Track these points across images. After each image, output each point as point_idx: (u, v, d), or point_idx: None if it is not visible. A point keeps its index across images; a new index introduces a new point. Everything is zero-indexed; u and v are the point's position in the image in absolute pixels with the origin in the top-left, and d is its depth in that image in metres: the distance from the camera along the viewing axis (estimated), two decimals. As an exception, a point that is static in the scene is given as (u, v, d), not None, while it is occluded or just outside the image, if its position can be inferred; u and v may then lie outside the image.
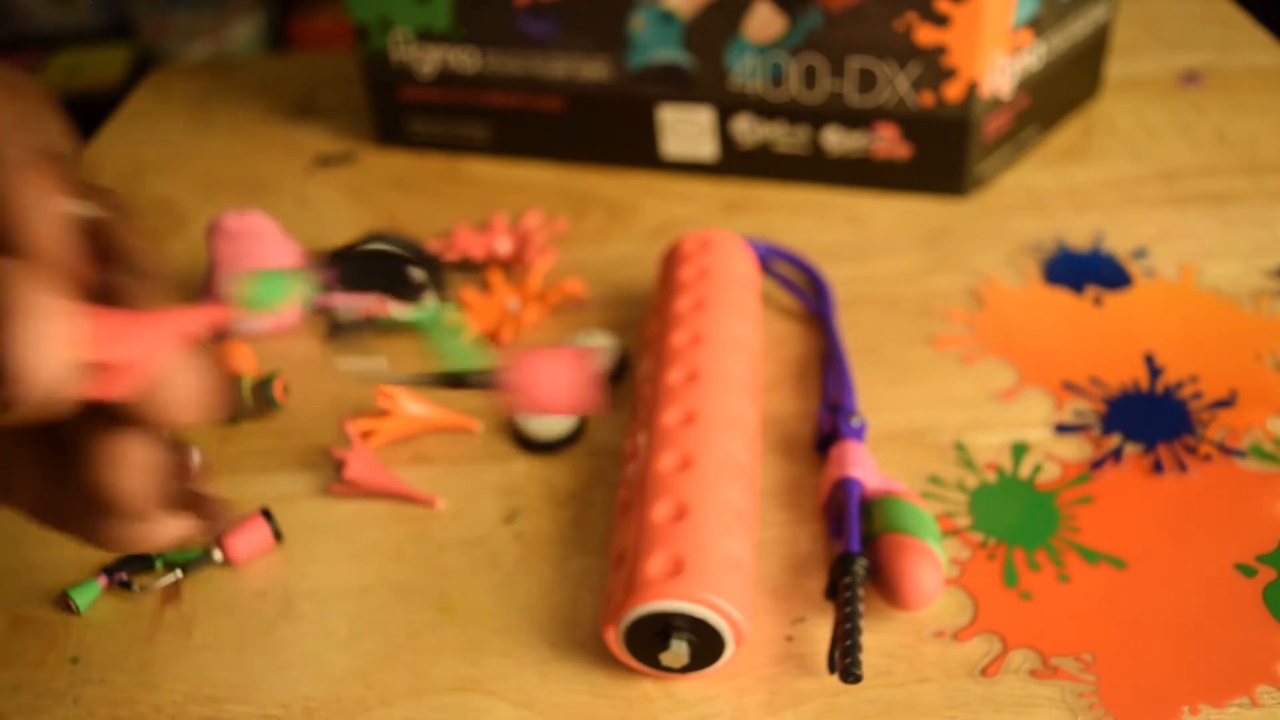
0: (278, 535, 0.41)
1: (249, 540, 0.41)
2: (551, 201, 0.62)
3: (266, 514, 0.41)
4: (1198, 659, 0.34)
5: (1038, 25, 0.55)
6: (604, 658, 0.36)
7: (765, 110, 0.58)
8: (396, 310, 0.28)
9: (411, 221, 0.62)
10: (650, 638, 0.34)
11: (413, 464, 0.45)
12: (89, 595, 0.40)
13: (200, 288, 0.56)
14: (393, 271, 0.31)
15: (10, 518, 0.44)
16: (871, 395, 0.46)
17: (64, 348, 0.22)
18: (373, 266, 0.31)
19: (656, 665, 0.34)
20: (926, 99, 0.55)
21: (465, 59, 0.63)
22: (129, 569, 0.40)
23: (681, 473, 0.37)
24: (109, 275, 0.25)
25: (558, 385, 0.28)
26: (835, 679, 0.35)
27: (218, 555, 0.40)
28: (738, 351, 0.43)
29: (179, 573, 0.40)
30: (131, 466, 0.25)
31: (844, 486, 0.39)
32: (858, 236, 0.56)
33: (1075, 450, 0.42)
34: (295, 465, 0.45)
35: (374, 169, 0.67)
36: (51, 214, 0.23)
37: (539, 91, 0.62)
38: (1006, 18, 0.52)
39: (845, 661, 0.33)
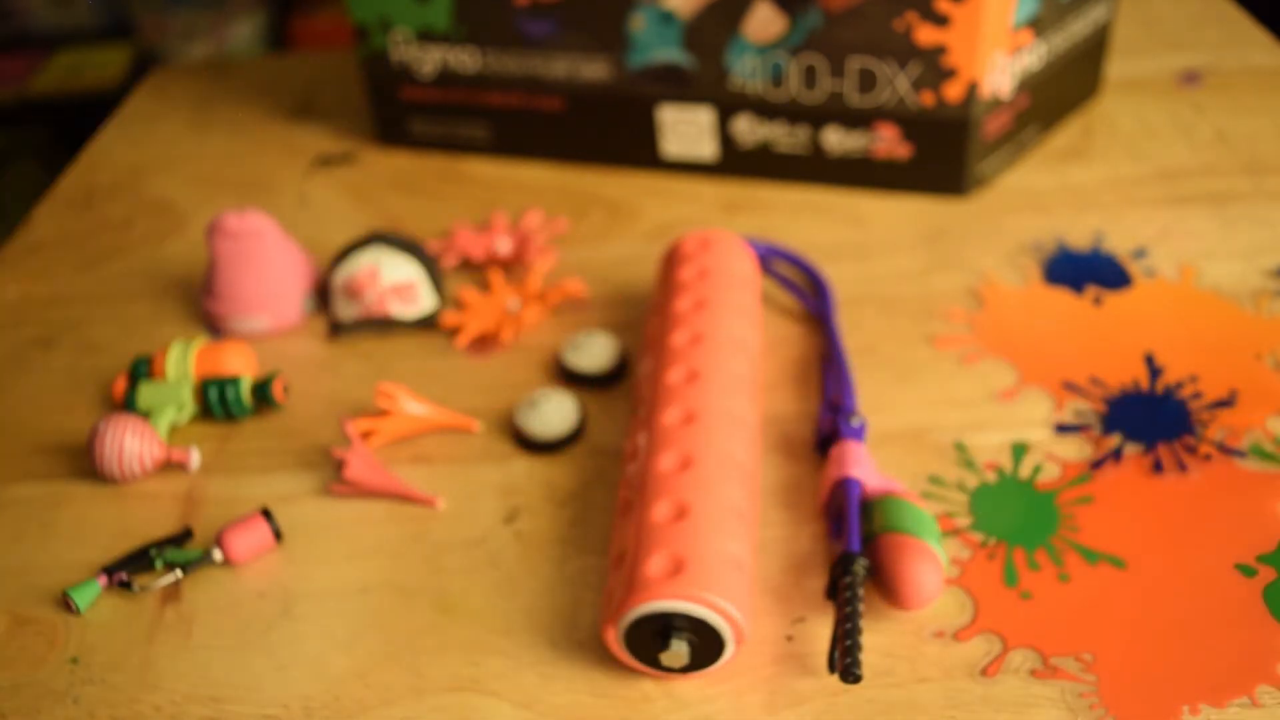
0: (278, 535, 0.41)
1: (249, 540, 0.41)
2: (551, 201, 0.62)
3: (266, 514, 0.41)
4: (1198, 659, 0.34)
5: (1038, 25, 0.55)
6: (604, 658, 0.36)
7: (765, 110, 0.58)
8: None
9: (411, 221, 0.62)
10: (650, 638, 0.34)
11: (413, 464, 0.45)
12: (89, 595, 0.40)
13: (200, 288, 0.56)
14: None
15: (9, 517, 0.44)
16: (871, 395, 0.46)
17: None
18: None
19: (656, 665, 0.34)
20: (926, 99, 0.55)
21: (465, 59, 0.63)
22: (129, 569, 0.40)
23: (681, 473, 0.37)
24: None
25: None
26: (835, 679, 0.35)
27: (218, 555, 0.40)
28: (738, 351, 0.43)
29: (179, 573, 0.40)
30: None
31: (844, 486, 0.39)
32: (858, 236, 0.56)
33: (1075, 450, 0.42)
34: (295, 465, 0.45)
35: (374, 169, 0.67)
36: None
37: (539, 91, 0.62)
38: (1006, 18, 0.52)
39: (845, 661, 0.33)
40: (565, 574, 0.39)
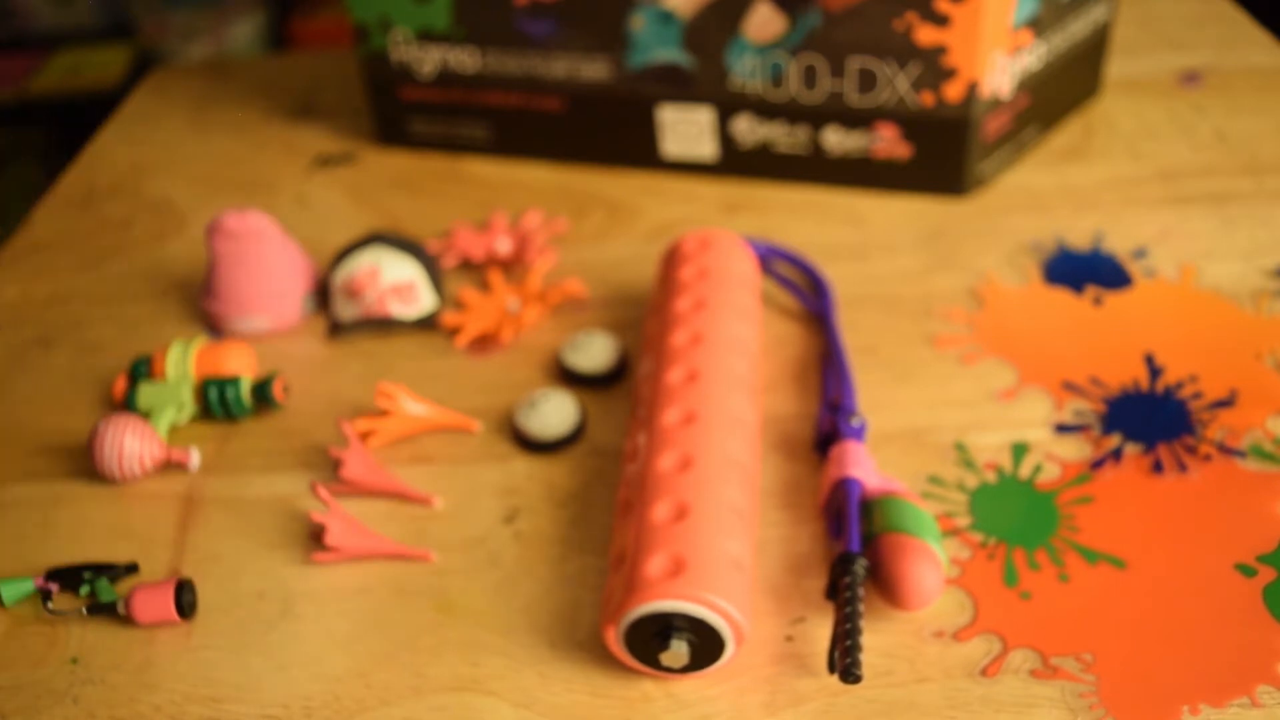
0: (183, 611, 0.38)
1: (153, 605, 0.38)
2: (551, 201, 0.62)
3: (181, 586, 0.38)
4: (1198, 659, 0.34)
5: (1038, 25, 0.55)
6: (604, 658, 0.36)
7: (765, 110, 0.58)
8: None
9: (411, 221, 0.62)
10: (650, 638, 0.34)
11: (413, 464, 0.45)
12: (17, 592, 0.40)
13: (200, 288, 0.56)
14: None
15: (9, 517, 0.44)
16: (871, 395, 0.46)
17: None
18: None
19: (656, 665, 0.34)
20: (926, 99, 0.55)
21: (465, 59, 0.63)
22: (61, 583, 0.40)
23: (681, 473, 0.37)
24: None
25: None
26: (835, 679, 0.35)
27: (122, 609, 0.38)
28: (738, 351, 0.43)
29: (83, 611, 0.39)
30: None
31: (844, 486, 0.39)
32: (858, 236, 0.56)
33: (1075, 450, 0.42)
34: (295, 465, 0.45)
35: (374, 169, 0.67)
36: None
37: (539, 91, 0.62)
38: (1006, 18, 0.52)
39: (845, 661, 0.33)
40: (565, 574, 0.39)
